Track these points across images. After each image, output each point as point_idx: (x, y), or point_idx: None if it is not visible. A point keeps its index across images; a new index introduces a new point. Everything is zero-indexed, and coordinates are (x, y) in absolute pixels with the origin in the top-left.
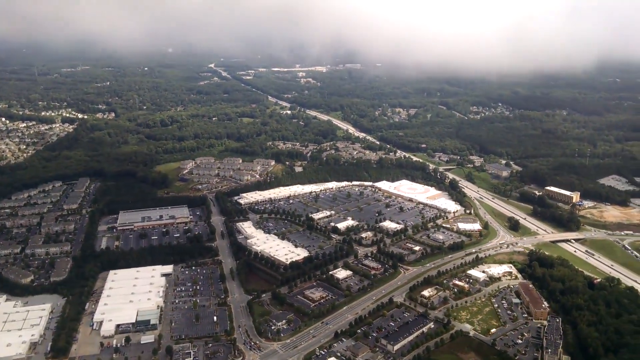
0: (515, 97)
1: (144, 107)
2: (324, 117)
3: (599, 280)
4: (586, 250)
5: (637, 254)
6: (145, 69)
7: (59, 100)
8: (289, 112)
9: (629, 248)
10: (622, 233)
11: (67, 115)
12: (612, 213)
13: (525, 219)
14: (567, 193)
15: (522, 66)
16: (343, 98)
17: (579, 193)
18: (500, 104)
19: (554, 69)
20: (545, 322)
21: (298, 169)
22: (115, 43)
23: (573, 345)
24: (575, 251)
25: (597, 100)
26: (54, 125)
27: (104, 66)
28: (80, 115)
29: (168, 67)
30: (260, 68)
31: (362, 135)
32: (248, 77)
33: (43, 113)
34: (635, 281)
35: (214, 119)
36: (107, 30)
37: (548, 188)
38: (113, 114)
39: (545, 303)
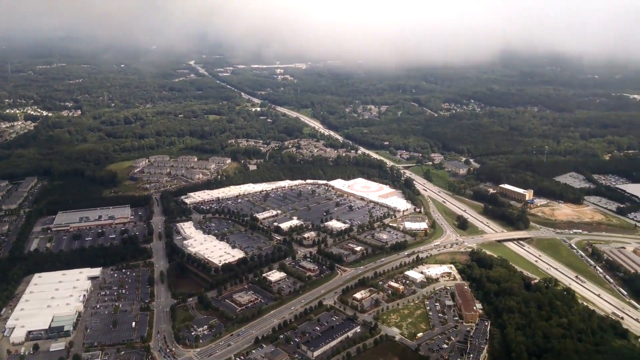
0: (490, 94)
1: (112, 105)
2: (294, 114)
3: (536, 281)
4: (531, 250)
5: (583, 254)
6: (122, 65)
7: (27, 97)
8: (258, 109)
9: (575, 247)
10: (571, 232)
11: (32, 112)
12: (564, 211)
13: (475, 217)
14: (520, 191)
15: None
16: (316, 95)
17: (532, 191)
18: (472, 101)
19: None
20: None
21: (252, 167)
22: (97, 39)
23: (499, 350)
24: (521, 251)
25: (571, 97)
26: (15, 123)
27: (81, 63)
28: (45, 113)
29: (146, 64)
30: (239, 65)
31: (329, 132)
32: (225, 74)
33: (8, 111)
34: (575, 282)
35: (180, 116)
36: (88, 25)
37: (502, 186)
38: (79, 112)
39: (478, 305)
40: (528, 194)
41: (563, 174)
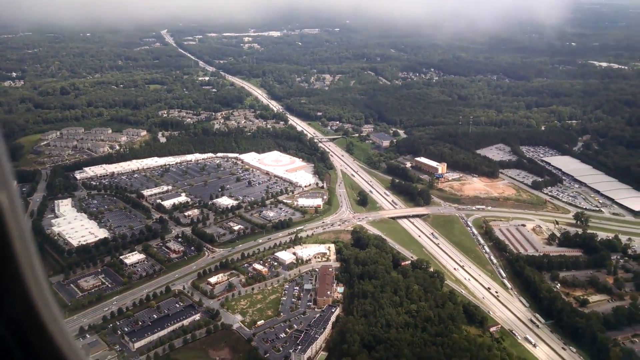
0: (454, 62)
1: (59, 74)
2: (242, 84)
3: (407, 262)
4: (423, 227)
5: (475, 232)
6: (88, 34)
7: None
8: (207, 78)
9: (470, 225)
10: (474, 208)
11: None
12: (474, 186)
13: (380, 193)
14: (433, 164)
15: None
16: (273, 64)
17: (445, 164)
18: (432, 70)
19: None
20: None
21: (163, 140)
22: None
23: (336, 339)
24: (412, 229)
25: (534, 65)
26: None
27: (48, 32)
28: None
29: (113, 32)
30: (211, 33)
31: (270, 102)
32: (192, 43)
33: None
34: (448, 263)
35: (120, 86)
36: None
37: (417, 159)
38: (22, 82)
39: (339, 289)
40: (441, 168)
41: (490, 145)
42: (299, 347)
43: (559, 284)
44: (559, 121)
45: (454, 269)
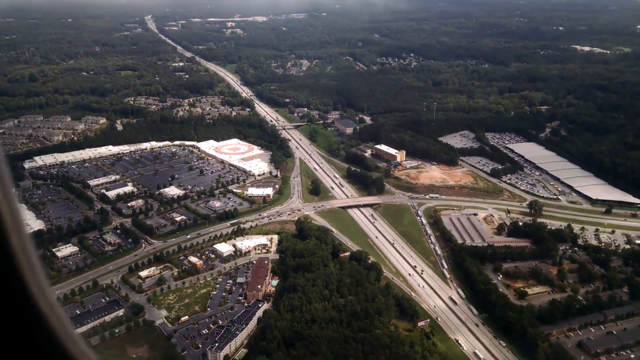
0: (436, 47)
1: (32, 61)
2: (218, 70)
3: (346, 254)
4: (372, 217)
5: (424, 221)
6: (70, 20)
7: None
8: (181, 64)
9: (420, 215)
10: (428, 196)
11: None
12: (431, 174)
13: (335, 181)
14: (392, 152)
15: None
16: (252, 49)
17: (404, 152)
18: (412, 55)
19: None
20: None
21: (120, 128)
22: None
23: (258, 336)
24: (361, 218)
25: (516, 49)
26: None
27: (30, 18)
28: None
29: (96, 17)
30: (195, 18)
31: (242, 89)
32: (174, 28)
33: None
34: (391, 254)
35: (91, 72)
36: None
37: (377, 146)
38: None
39: (273, 282)
40: (400, 155)
41: (455, 132)
42: (216, 344)
43: (500, 275)
44: (529, 107)
45: (396, 260)
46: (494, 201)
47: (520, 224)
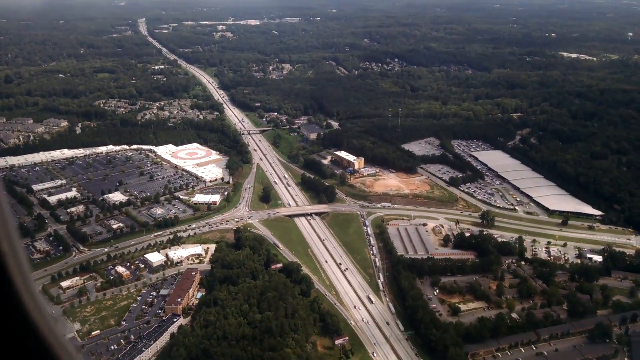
0: (424, 53)
1: (13, 62)
2: (198, 73)
3: (277, 266)
4: (318, 226)
5: (370, 231)
6: (61, 22)
7: None
8: (161, 67)
9: (367, 224)
10: (379, 205)
11: None
12: (387, 182)
13: (288, 189)
14: (351, 159)
15: None
16: (238, 52)
17: (362, 159)
18: (395, 60)
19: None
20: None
21: (79, 131)
22: None
23: (166, 353)
24: (306, 228)
25: (502, 55)
26: None
27: (22, 19)
28: None
29: (88, 19)
30: (187, 21)
31: (219, 92)
32: (163, 31)
33: None
34: (329, 265)
35: (68, 75)
36: None
37: (336, 153)
38: None
39: (198, 295)
40: (358, 162)
41: (421, 139)
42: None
43: (437, 290)
44: (502, 114)
45: (332, 272)
46: (448, 211)
47: (467, 235)
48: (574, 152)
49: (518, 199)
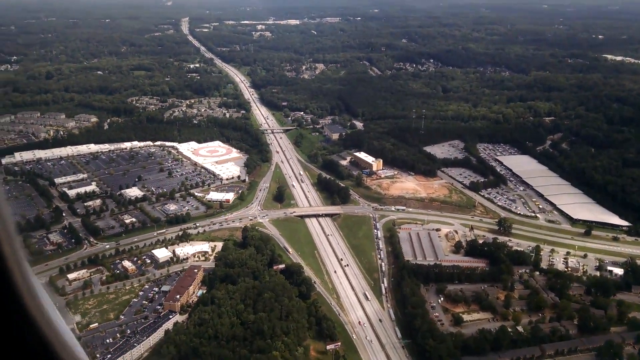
0: (461, 54)
1: (58, 59)
2: (232, 71)
3: (280, 266)
4: (328, 228)
5: (380, 235)
6: (107, 20)
7: None
8: (197, 65)
9: (379, 228)
10: (393, 208)
11: None
12: (404, 185)
13: (304, 188)
14: (369, 160)
15: None
16: (274, 52)
17: (381, 160)
18: (431, 61)
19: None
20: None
21: (106, 127)
22: None
23: (157, 350)
24: (317, 229)
25: (542, 57)
26: None
27: (71, 17)
28: None
29: (133, 18)
30: (228, 21)
31: (250, 91)
32: (204, 30)
33: None
34: (334, 267)
35: (106, 72)
36: None
37: (356, 154)
38: (18, 67)
39: (198, 292)
40: (376, 164)
41: (445, 141)
42: (108, 356)
43: (442, 298)
44: (534, 117)
45: (336, 275)
46: (464, 216)
47: (480, 242)
48: (604, 158)
49: (541, 207)
